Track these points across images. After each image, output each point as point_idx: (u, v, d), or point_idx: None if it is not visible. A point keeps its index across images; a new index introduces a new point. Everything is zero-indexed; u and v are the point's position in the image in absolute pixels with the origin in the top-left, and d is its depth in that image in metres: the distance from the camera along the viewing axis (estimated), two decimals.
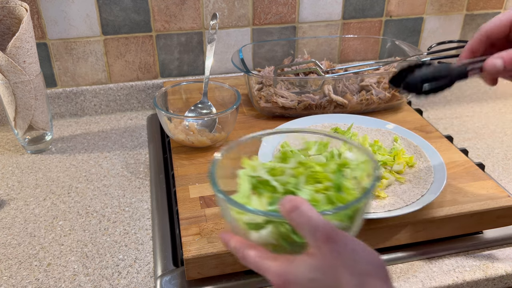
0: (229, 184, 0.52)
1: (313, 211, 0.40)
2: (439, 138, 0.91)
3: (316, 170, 0.53)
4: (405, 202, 0.70)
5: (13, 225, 0.78)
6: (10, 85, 0.88)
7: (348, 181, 0.51)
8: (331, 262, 0.39)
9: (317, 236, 0.40)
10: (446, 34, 1.27)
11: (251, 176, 0.53)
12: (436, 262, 0.70)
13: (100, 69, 1.10)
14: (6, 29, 0.90)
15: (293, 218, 0.41)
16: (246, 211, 0.45)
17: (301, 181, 0.52)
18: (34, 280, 0.67)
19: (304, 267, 0.40)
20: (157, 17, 1.07)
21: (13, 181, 0.89)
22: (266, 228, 0.45)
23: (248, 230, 0.46)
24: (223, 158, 0.53)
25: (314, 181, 0.53)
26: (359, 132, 0.89)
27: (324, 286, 0.39)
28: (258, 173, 0.53)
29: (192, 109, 0.96)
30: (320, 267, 0.40)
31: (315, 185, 0.52)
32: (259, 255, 0.43)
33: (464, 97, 1.22)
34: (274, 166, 0.54)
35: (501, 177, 0.89)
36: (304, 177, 0.53)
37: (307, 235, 0.40)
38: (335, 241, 0.39)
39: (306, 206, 0.41)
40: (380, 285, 0.39)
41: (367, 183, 0.51)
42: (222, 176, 0.52)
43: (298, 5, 1.14)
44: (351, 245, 0.40)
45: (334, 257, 0.39)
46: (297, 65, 1.08)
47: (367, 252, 0.40)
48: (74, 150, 0.98)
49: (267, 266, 0.42)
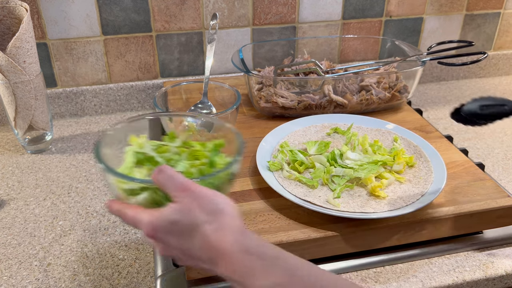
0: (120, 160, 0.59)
1: (175, 173, 0.49)
2: (439, 138, 0.91)
3: (196, 149, 0.62)
4: (405, 202, 0.70)
5: (13, 225, 0.78)
6: (10, 85, 0.88)
7: (221, 158, 0.59)
8: (188, 205, 0.47)
9: (177, 187, 0.48)
10: (446, 34, 1.27)
11: (137, 152, 0.59)
12: (436, 262, 0.70)
13: (100, 69, 1.10)
14: (6, 29, 0.90)
15: (159, 179, 0.49)
16: (122, 179, 0.52)
17: (183, 158, 0.61)
18: (34, 280, 0.67)
19: (167, 213, 0.47)
20: (157, 17, 1.07)
21: (13, 181, 0.89)
22: (142, 194, 0.52)
23: (128, 196, 0.52)
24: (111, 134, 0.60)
25: (194, 158, 0.61)
26: (359, 132, 0.89)
27: (184, 225, 0.47)
28: (144, 150, 0.60)
29: (192, 109, 0.96)
30: (179, 210, 0.47)
31: (194, 161, 0.60)
32: (135, 211, 0.50)
33: (464, 97, 1.22)
34: (161, 144, 0.62)
35: (501, 177, 0.89)
36: (186, 155, 0.61)
37: (170, 190, 0.48)
38: (192, 190, 0.48)
39: (170, 169, 0.49)
40: (229, 219, 0.47)
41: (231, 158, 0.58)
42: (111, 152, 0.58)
43: (298, 5, 1.14)
44: (204, 192, 0.48)
45: (190, 201, 0.47)
46: (297, 65, 1.08)
47: (218, 196, 0.48)
48: (74, 150, 0.98)
49: (140, 219, 0.49)
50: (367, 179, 0.73)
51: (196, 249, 0.47)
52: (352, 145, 0.84)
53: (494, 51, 1.34)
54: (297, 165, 0.78)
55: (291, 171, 0.77)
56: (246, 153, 0.87)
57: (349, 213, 0.67)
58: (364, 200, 0.71)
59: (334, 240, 0.67)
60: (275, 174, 0.77)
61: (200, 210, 0.47)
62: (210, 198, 0.48)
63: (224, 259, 0.46)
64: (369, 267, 0.69)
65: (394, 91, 1.00)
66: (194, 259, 0.48)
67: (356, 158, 0.78)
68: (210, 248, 0.46)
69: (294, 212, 0.70)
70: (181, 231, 0.47)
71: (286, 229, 0.67)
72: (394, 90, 1.00)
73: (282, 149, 0.81)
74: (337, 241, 0.67)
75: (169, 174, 0.48)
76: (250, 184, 0.78)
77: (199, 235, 0.46)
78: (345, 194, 0.72)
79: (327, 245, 0.67)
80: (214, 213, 0.47)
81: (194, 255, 0.48)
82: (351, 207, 0.69)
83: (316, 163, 0.78)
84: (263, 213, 0.71)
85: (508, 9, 1.28)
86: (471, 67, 1.32)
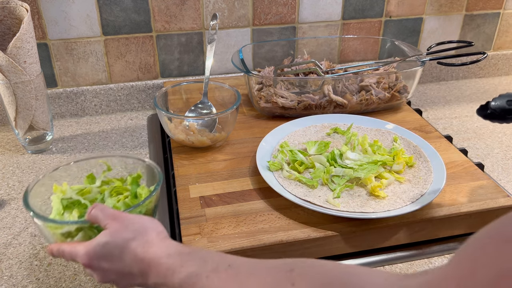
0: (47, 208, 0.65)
1: (105, 206, 0.56)
2: (438, 138, 0.91)
3: (116, 185, 0.69)
4: (405, 202, 0.70)
5: (13, 224, 0.78)
6: (11, 85, 0.88)
7: (143, 188, 0.66)
8: (115, 229, 0.53)
9: (108, 217, 0.54)
10: (446, 34, 1.27)
11: (63, 199, 0.65)
12: (436, 262, 0.71)
13: (101, 69, 1.10)
14: (6, 29, 0.91)
15: (92, 214, 0.55)
16: (58, 224, 0.57)
17: (106, 195, 0.67)
18: (35, 280, 0.67)
19: (98, 238, 0.53)
20: (157, 17, 1.08)
21: (14, 181, 0.89)
22: (78, 234, 0.58)
23: (65, 239, 0.58)
24: (35, 187, 0.64)
25: (116, 194, 0.68)
26: (359, 132, 0.89)
27: (114, 246, 0.52)
28: (68, 195, 0.66)
29: (192, 109, 0.96)
30: (108, 233, 0.53)
31: (117, 196, 0.67)
32: (71, 246, 0.55)
33: (464, 97, 1.23)
34: (82, 187, 0.68)
35: (500, 177, 0.89)
36: (108, 192, 0.68)
37: (102, 221, 0.54)
38: (120, 217, 0.54)
39: (101, 205, 0.56)
40: (154, 235, 0.52)
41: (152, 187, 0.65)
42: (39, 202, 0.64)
43: (298, 5, 1.14)
44: (131, 216, 0.55)
45: (118, 225, 0.53)
46: (297, 65, 1.09)
47: (142, 218, 0.55)
48: (74, 150, 0.99)
49: (76, 251, 0.54)
50: (367, 179, 0.73)
51: (127, 265, 0.52)
52: (352, 145, 0.84)
53: (494, 51, 1.34)
54: (297, 165, 0.78)
55: (291, 171, 0.77)
56: (246, 153, 0.87)
57: (349, 213, 0.68)
58: (364, 200, 0.71)
59: (334, 240, 0.67)
60: (275, 174, 0.77)
61: (127, 231, 0.53)
62: (135, 220, 0.54)
63: (152, 268, 0.50)
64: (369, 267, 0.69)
65: (394, 91, 1.00)
66: (128, 276, 0.52)
67: (356, 158, 0.78)
68: (139, 261, 0.51)
69: (294, 212, 0.71)
70: (112, 253, 0.52)
71: (286, 229, 0.67)
72: (394, 90, 1.00)
73: (282, 149, 0.82)
74: (337, 241, 0.68)
75: (101, 208, 0.55)
76: (250, 184, 0.78)
77: (128, 252, 0.51)
78: (345, 194, 0.72)
79: (327, 245, 0.68)
80: (139, 231, 0.53)
81: (127, 272, 0.52)
82: (351, 207, 0.69)
83: (316, 163, 0.78)
84: (263, 213, 0.71)
85: (508, 9, 1.28)
86: (470, 67, 1.32)
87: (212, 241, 0.66)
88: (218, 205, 0.73)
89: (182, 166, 0.83)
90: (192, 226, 0.68)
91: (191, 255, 0.50)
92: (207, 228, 0.68)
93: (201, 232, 0.67)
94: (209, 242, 0.65)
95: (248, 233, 0.67)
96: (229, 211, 0.71)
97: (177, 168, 0.83)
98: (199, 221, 0.69)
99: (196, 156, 0.86)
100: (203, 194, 0.75)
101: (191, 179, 0.79)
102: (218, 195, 0.75)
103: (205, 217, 0.70)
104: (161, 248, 0.51)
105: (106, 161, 0.71)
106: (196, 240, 0.66)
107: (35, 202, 0.63)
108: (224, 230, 0.67)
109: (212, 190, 0.76)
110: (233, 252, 0.64)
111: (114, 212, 0.55)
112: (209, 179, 0.79)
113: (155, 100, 0.89)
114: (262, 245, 0.65)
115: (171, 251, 0.51)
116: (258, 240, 0.65)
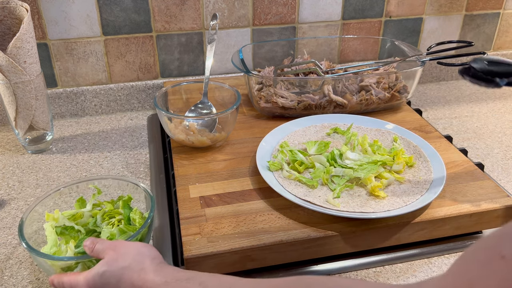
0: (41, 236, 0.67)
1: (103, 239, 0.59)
2: (438, 138, 0.91)
3: (107, 209, 0.70)
4: (405, 202, 0.70)
5: (13, 224, 0.78)
6: (11, 85, 0.88)
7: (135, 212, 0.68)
8: (112, 257, 0.56)
9: (105, 248, 0.57)
10: (446, 34, 1.27)
11: (56, 226, 0.66)
12: (435, 262, 0.71)
13: (101, 69, 1.10)
14: (6, 29, 0.91)
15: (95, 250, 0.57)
16: (60, 261, 0.59)
17: (98, 219, 0.69)
18: (35, 280, 0.67)
19: (97, 267, 0.55)
20: (157, 17, 1.08)
21: (14, 181, 0.89)
22: (78, 266, 0.60)
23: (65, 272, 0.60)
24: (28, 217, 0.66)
25: (108, 217, 0.69)
26: (359, 132, 0.89)
27: (112, 274, 0.54)
28: (61, 222, 0.67)
29: (192, 109, 0.96)
30: (106, 262, 0.55)
31: (110, 220, 0.69)
32: (71, 277, 0.57)
33: (463, 97, 1.23)
34: (74, 212, 0.69)
35: (500, 177, 0.89)
36: (100, 215, 0.69)
37: (100, 253, 0.57)
38: (117, 246, 0.57)
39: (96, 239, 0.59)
40: (149, 261, 0.55)
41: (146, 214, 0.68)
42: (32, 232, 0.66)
43: (298, 5, 1.14)
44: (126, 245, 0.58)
45: (115, 254, 0.56)
46: (297, 65, 1.09)
47: (138, 245, 0.58)
48: (74, 150, 0.99)
49: (77, 281, 0.56)
50: (367, 179, 0.73)
51: None
52: (351, 145, 0.84)
53: (494, 51, 1.34)
54: (297, 165, 0.78)
55: (291, 171, 0.77)
56: (246, 153, 0.87)
57: (348, 213, 0.68)
58: (363, 200, 0.71)
59: (334, 240, 0.67)
60: (275, 174, 0.77)
61: (123, 259, 0.55)
62: (131, 248, 0.57)
63: None
64: (368, 267, 0.70)
65: (394, 91, 1.00)
66: None
67: (356, 158, 0.78)
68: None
69: (294, 212, 0.71)
70: (109, 282, 0.54)
71: (286, 229, 0.67)
72: (394, 90, 1.00)
73: (282, 149, 0.82)
74: (336, 241, 0.68)
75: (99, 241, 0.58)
76: (250, 184, 0.78)
77: (125, 279, 0.54)
78: (345, 194, 0.72)
79: (326, 245, 0.68)
80: (134, 259, 0.55)
81: None
82: (351, 207, 0.69)
83: (316, 163, 0.78)
84: (263, 213, 0.71)
85: (508, 9, 1.28)
86: None
87: (212, 241, 0.66)
88: (218, 205, 0.73)
89: (182, 166, 0.83)
90: (192, 226, 0.68)
91: (189, 282, 0.52)
92: (207, 228, 0.68)
93: (201, 232, 0.67)
94: (209, 242, 0.65)
95: (248, 233, 0.67)
96: (229, 211, 0.71)
97: (177, 168, 0.83)
98: (199, 221, 0.69)
99: (196, 156, 0.86)
100: (203, 194, 0.76)
101: (191, 179, 0.80)
102: (218, 195, 0.75)
103: (205, 217, 0.70)
104: (158, 275, 0.53)
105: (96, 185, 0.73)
106: (196, 240, 0.66)
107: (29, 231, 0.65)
108: (224, 230, 0.68)
109: (212, 190, 0.76)
110: (233, 252, 0.64)
111: (112, 243, 0.58)
112: (209, 179, 0.80)
113: (155, 100, 0.89)
114: (262, 245, 0.65)
115: (168, 278, 0.53)
116: (258, 240, 0.65)
